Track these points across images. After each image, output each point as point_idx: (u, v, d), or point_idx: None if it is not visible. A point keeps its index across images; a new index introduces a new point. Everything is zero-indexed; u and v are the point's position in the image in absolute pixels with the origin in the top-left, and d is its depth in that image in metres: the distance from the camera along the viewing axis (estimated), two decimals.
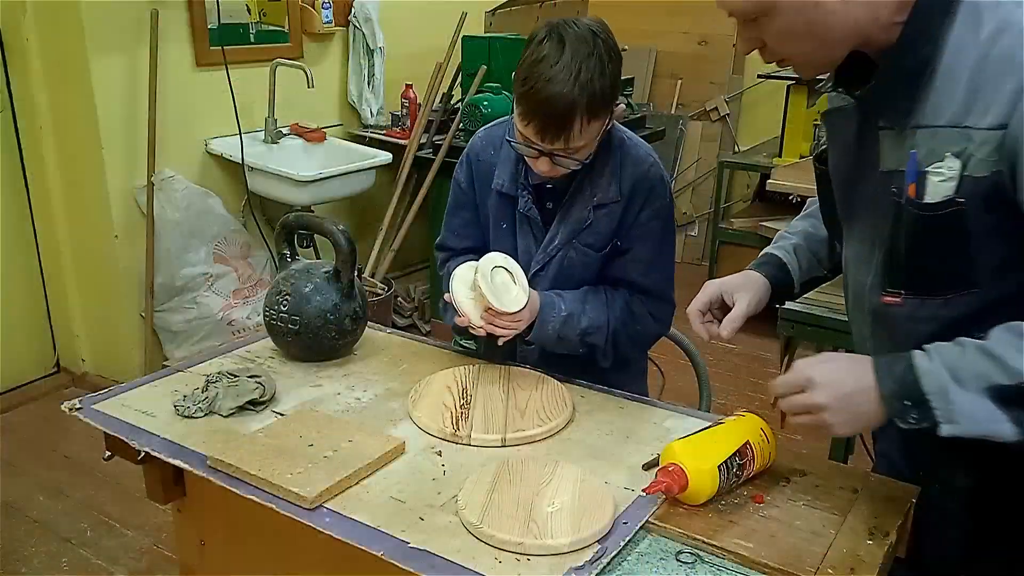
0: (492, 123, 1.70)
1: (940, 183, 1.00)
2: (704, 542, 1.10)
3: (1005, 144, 0.95)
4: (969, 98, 0.97)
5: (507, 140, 1.52)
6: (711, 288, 1.37)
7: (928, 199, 1.01)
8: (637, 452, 1.31)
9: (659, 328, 1.64)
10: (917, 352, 1.03)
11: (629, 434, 1.38)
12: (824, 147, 1.23)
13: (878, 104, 1.06)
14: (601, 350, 1.59)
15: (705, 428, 1.25)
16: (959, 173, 0.98)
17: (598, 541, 1.09)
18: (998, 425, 0.97)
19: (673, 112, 5.01)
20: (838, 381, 1.06)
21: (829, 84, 1.16)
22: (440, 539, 1.09)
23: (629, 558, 1.09)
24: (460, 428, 1.35)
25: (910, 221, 1.04)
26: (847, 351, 2.52)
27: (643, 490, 1.17)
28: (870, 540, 1.11)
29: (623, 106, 1.48)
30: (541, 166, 1.45)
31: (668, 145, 4.85)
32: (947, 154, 0.99)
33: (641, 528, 1.13)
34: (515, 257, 1.56)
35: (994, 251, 1.03)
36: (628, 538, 1.10)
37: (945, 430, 1.00)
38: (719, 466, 1.16)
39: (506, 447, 1.33)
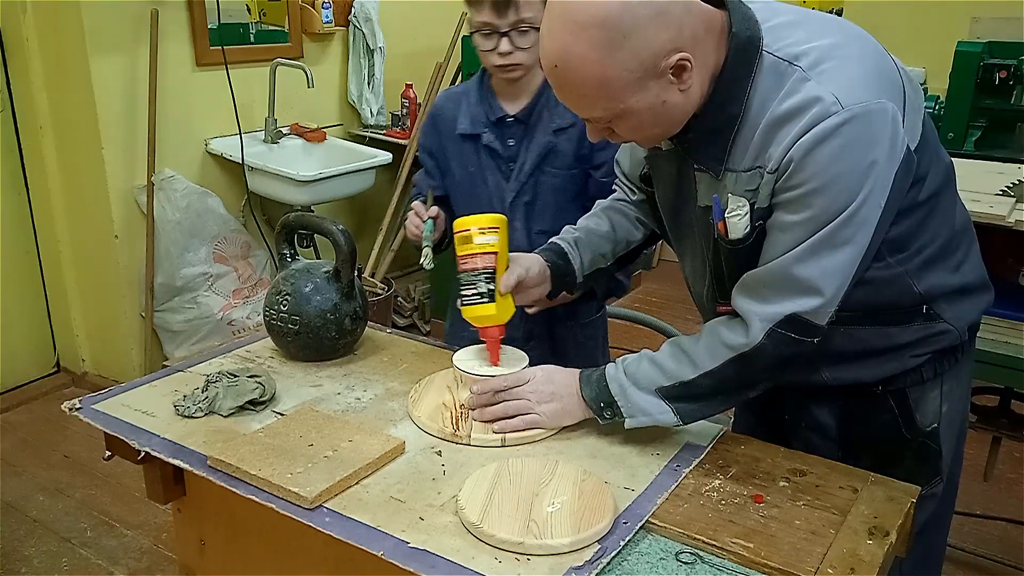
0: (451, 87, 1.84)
1: (738, 221, 1.18)
2: (704, 542, 1.10)
3: (776, 183, 1.13)
4: (761, 147, 1.13)
5: (469, 36, 1.70)
6: None
7: (732, 235, 1.20)
8: (637, 452, 1.32)
9: None
10: (610, 364, 1.32)
11: (629, 434, 1.38)
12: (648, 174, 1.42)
13: (694, 152, 1.22)
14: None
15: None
16: (749, 209, 1.17)
17: (598, 541, 1.09)
18: (664, 415, 1.26)
19: None
20: (549, 393, 1.34)
21: None
22: (440, 539, 1.09)
23: (629, 558, 1.09)
24: (460, 428, 1.35)
25: (725, 252, 1.23)
26: None
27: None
28: (870, 540, 1.11)
29: None
30: (503, 46, 1.58)
31: None
32: (739, 197, 1.17)
33: (641, 528, 1.13)
34: (488, 197, 1.71)
35: None
36: (628, 538, 1.10)
37: (628, 423, 1.28)
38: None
39: (506, 447, 1.33)
